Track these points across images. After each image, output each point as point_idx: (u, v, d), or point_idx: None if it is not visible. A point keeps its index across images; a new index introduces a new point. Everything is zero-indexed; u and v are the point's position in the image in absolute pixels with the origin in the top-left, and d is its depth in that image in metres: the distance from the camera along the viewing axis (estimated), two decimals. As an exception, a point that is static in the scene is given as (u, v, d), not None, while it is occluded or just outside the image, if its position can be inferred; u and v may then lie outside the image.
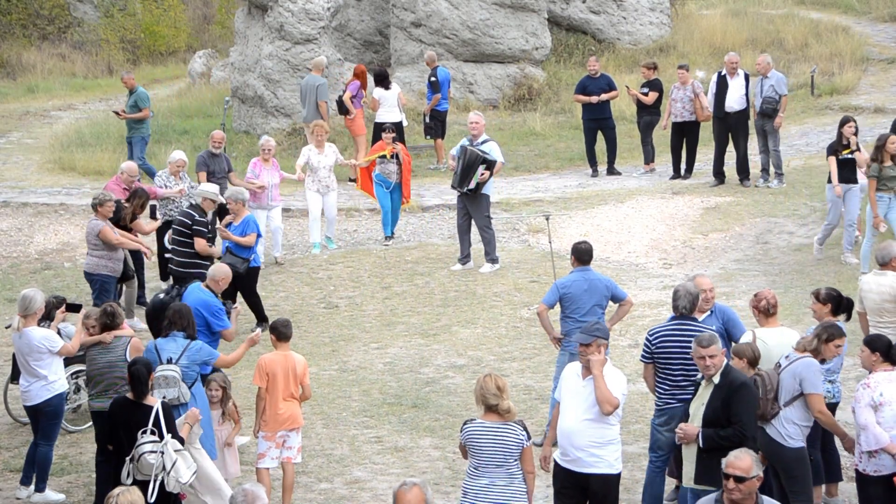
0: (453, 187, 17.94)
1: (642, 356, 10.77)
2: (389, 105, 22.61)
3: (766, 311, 10.86)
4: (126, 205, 16.36)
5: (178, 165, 17.54)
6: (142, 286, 16.91)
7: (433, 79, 23.37)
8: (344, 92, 22.64)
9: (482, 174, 17.51)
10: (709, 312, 11.06)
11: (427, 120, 23.51)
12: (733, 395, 9.43)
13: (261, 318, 15.88)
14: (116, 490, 7.85)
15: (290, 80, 25.36)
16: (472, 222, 18.02)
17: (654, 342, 10.57)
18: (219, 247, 15.52)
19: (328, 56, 24.62)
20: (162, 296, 12.93)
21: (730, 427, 9.36)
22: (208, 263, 14.57)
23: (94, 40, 38.66)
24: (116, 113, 22.84)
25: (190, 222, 15.20)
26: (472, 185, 17.53)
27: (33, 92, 34.24)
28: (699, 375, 9.75)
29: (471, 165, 17.47)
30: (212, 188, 15.71)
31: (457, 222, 18.29)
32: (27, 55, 37.45)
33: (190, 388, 10.97)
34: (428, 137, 23.85)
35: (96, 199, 15.55)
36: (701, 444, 9.41)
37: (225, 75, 30.26)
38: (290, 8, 25.31)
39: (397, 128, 22.73)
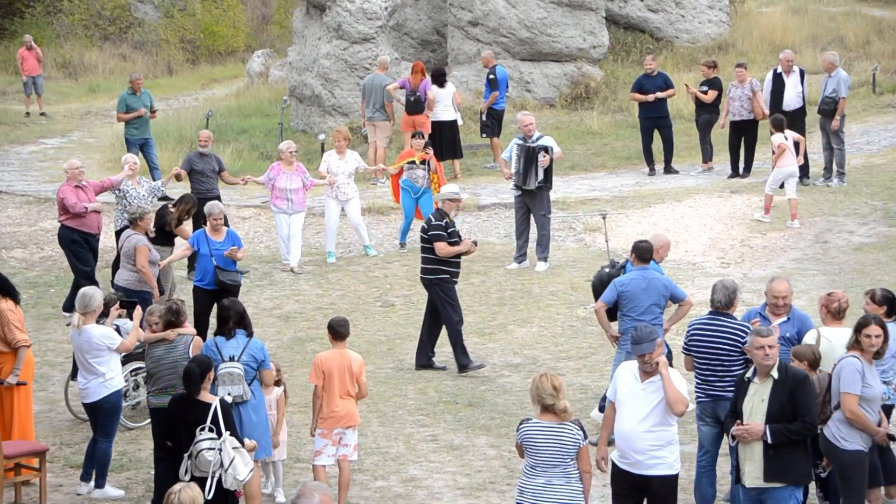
0: (517, 186, 17.86)
1: (683, 347, 10.98)
2: (444, 104, 22.60)
3: (836, 313, 10.73)
4: (171, 209, 16.37)
5: (128, 164, 17.35)
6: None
7: (492, 76, 23.34)
8: (414, 91, 22.41)
9: (542, 159, 17.41)
10: (786, 318, 10.97)
11: (484, 118, 23.49)
12: (798, 388, 9.32)
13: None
14: (177, 486, 7.92)
15: (347, 80, 25.45)
16: (531, 221, 17.97)
17: (688, 334, 10.83)
18: (466, 243, 14.87)
19: (388, 55, 24.66)
20: (608, 269, 13.00)
21: (798, 421, 9.27)
22: (452, 269, 14.54)
23: (154, 40, 39.04)
24: (153, 113, 23.02)
25: (427, 227, 14.74)
26: (541, 176, 17.46)
27: (94, 92, 34.64)
28: (749, 372, 9.64)
29: (531, 160, 17.45)
30: (453, 188, 15.31)
31: (515, 221, 18.26)
32: (89, 55, 37.90)
33: (248, 385, 11.04)
34: (484, 136, 23.83)
35: (134, 214, 15.18)
36: (769, 440, 9.30)
37: (283, 75, 30.43)
38: (348, 7, 25.40)
39: (452, 127, 22.74)
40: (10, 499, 11.67)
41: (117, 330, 12.15)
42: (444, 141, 22.81)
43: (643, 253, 12.47)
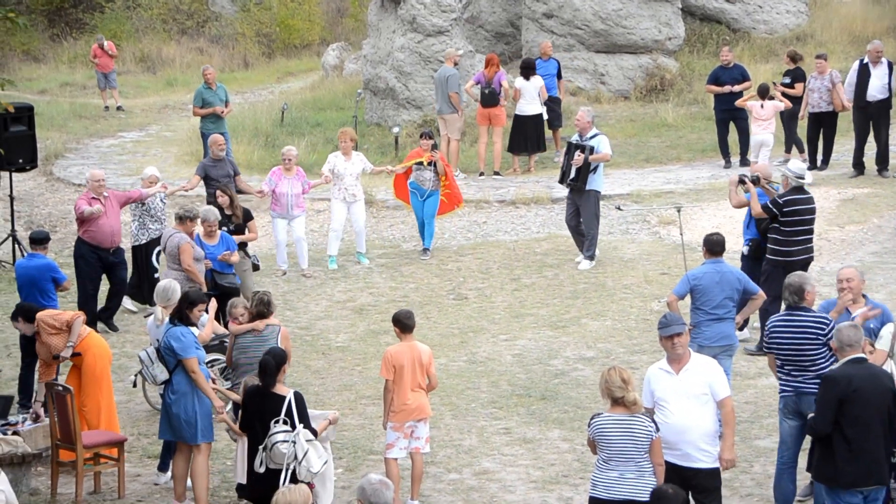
0: (560, 182, 17.94)
1: (764, 346, 11.00)
2: (530, 97, 22.45)
3: None
4: (219, 198, 16.28)
5: (150, 181, 16.89)
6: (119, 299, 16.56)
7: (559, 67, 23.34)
8: (489, 84, 22.34)
9: (576, 158, 17.29)
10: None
11: (559, 109, 23.42)
12: (818, 389, 9.49)
13: None
14: (283, 488, 8.08)
15: (421, 73, 25.50)
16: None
17: (768, 333, 10.74)
18: None
19: (460, 48, 24.66)
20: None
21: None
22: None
23: (230, 34, 39.42)
24: (227, 107, 23.16)
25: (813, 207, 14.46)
26: (573, 174, 17.40)
27: (172, 85, 35.04)
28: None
29: (572, 158, 17.43)
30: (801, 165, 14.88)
31: (566, 219, 18.12)
32: (167, 49, 38.34)
33: (171, 371, 11.10)
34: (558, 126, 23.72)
35: (183, 212, 14.87)
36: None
37: (357, 68, 30.57)
38: (423, 0, 25.45)
39: (536, 120, 22.58)
40: (89, 488, 11.87)
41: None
42: (528, 135, 22.68)
43: (714, 246, 12.40)
